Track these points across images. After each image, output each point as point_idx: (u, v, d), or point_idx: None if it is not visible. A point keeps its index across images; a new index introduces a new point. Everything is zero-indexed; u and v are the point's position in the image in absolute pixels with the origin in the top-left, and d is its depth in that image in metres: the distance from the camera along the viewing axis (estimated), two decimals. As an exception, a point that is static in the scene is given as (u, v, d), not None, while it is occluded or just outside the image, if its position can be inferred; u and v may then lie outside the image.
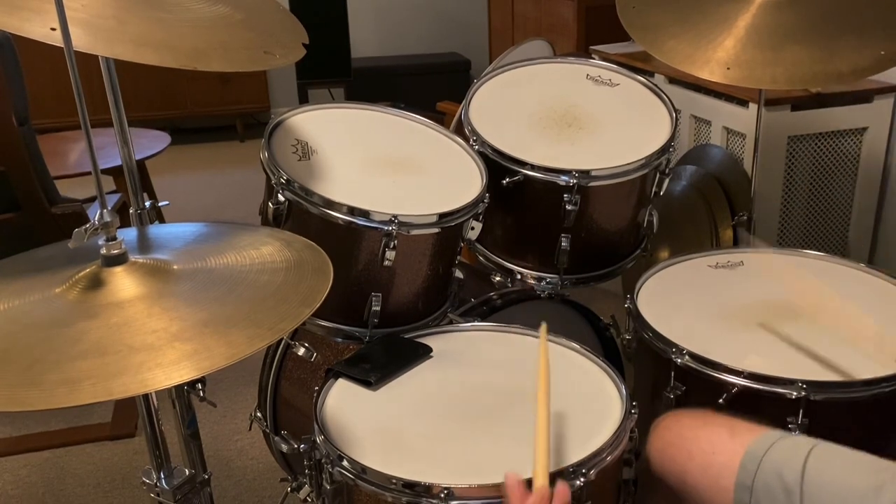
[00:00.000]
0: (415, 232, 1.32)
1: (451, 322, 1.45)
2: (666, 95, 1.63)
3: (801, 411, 1.16)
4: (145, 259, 0.99)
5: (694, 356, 1.24)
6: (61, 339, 0.85)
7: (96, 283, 0.94)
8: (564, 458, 1.02)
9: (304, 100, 4.80)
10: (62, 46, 0.92)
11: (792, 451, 0.88)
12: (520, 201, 1.50)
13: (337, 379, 1.23)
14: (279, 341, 1.59)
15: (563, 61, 1.75)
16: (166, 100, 4.84)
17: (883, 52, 1.51)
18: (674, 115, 1.58)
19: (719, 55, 1.58)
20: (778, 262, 1.56)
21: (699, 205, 2.29)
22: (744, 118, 2.32)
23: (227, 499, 2.12)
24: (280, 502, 1.79)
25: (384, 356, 1.28)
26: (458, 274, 1.48)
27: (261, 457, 2.24)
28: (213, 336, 0.86)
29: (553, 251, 1.52)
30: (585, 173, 1.44)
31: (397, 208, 1.30)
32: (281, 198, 1.30)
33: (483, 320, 1.45)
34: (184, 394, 1.29)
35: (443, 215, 1.33)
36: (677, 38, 1.65)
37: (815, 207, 2.42)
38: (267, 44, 1.26)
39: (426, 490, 0.98)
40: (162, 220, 1.51)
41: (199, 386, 1.24)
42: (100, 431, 2.40)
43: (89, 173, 1.07)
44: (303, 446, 1.16)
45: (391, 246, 1.29)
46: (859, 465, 0.85)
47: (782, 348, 1.28)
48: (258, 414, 1.66)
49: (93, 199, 2.87)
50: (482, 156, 1.48)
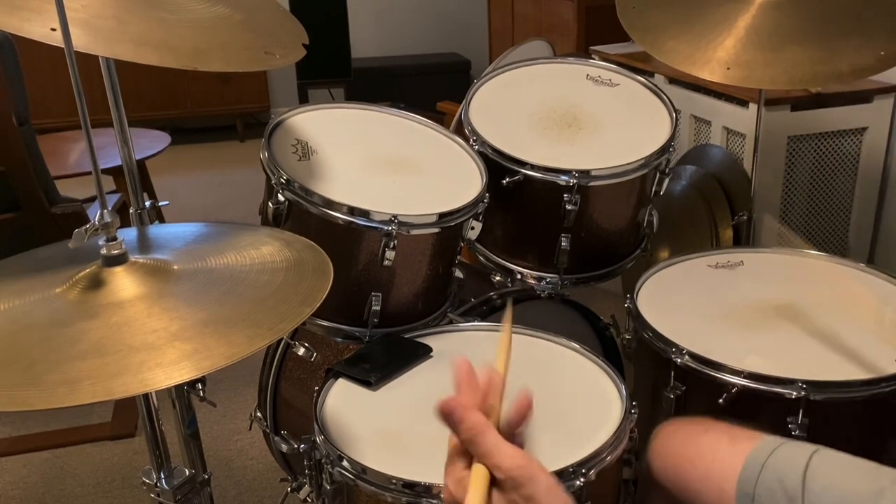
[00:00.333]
0: (415, 232, 1.32)
1: (451, 322, 1.45)
2: (666, 95, 1.63)
3: (801, 411, 1.16)
4: (145, 259, 0.99)
5: (694, 356, 1.24)
6: (61, 339, 0.85)
7: (96, 283, 0.94)
8: (564, 458, 1.02)
9: (304, 100, 4.81)
10: (62, 46, 0.92)
11: (793, 457, 0.88)
12: (520, 201, 1.50)
13: (337, 379, 1.23)
14: (279, 341, 1.59)
15: (563, 61, 1.75)
16: (166, 100, 4.84)
17: (883, 52, 1.51)
18: (674, 115, 1.58)
19: (719, 55, 1.58)
20: (778, 262, 1.56)
21: (699, 205, 2.29)
22: (744, 118, 2.32)
23: (227, 499, 2.12)
24: (280, 502, 1.79)
25: (384, 356, 1.28)
26: (458, 274, 1.48)
27: (261, 457, 2.24)
28: (213, 336, 0.86)
29: (553, 251, 1.52)
30: (585, 173, 1.44)
31: (397, 208, 1.30)
32: (281, 198, 1.30)
33: (483, 320, 1.45)
34: (184, 394, 1.29)
35: (443, 215, 1.33)
36: (677, 39, 1.65)
37: (815, 207, 2.42)
38: (267, 44, 1.26)
39: (426, 490, 0.98)
40: (162, 220, 1.51)
41: (199, 386, 1.24)
42: (100, 431, 2.40)
43: (89, 173, 1.07)
44: (303, 446, 1.16)
45: (391, 246, 1.29)
46: (860, 470, 0.85)
47: (782, 348, 1.28)
48: (258, 414, 1.66)
49: (93, 199, 2.87)
50: (482, 156, 1.48)
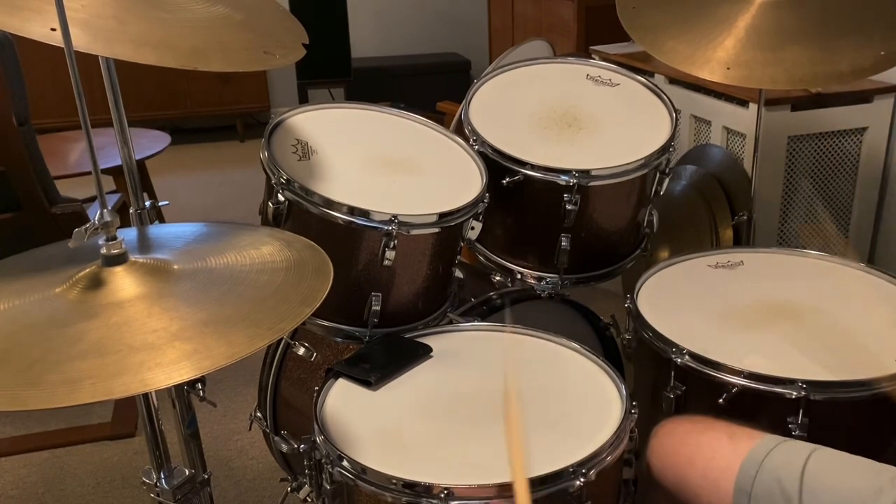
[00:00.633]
0: (415, 232, 1.32)
1: (451, 322, 1.45)
2: (666, 95, 1.63)
3: (801, 411, 1.16)
4: (145, 259, 0.99)
5: (694, 356, 1.24)
6: (61, 339, 0.85)
7: (96, 282, 0.94)
8: (564, 458, 1.02)
9: (304, 100, 4.80)
10: (62, 46, 0.92)
11: (791, 456, 0.88)
12: (520, 201, 1.50)
13: (337, 379, 1.23)
14: (279, 341, 1.59)
15: (563, 61, 1.75)
16: (166, 100, 4.83)
17: (883, 52, 1.51)
18: (674, 115, 1.58)
19: (719, 55, 1.58)
20: (778, 262, 1.56)
21: (699, 205, 2.29)
22: (744, 118, 2.32)
23: (227, 499, 2.12)
24: (280, 502, 1.79)
25: (384, 356, 1.28)
26: (458, 274, 1.48)
27: (261, 457, 2.24)
28: (213, 336, 0.86)
29: (553, 251, 1.52)
30: (585, 173, 1.44)
31: (397, 208, 1.30)
32: (281, 198, 1.30)
33: (483, 320, 1.45)
34: (184, 394, 1.29)
35: (443, 215, 1.33)
36: (677, 39, 1.65)
37: (815, 207, 2.42)
38: (267, 44, 1.26)
39: (426, 490, 0.98)
40: (162, 220, 1.52)
41: (199, 386, 1.24)
42: (100, 431, 2.40)
43: (89, 173, 1.07)
44: (303, 446, 1.16)
45: (391, 246, 1.29)
46: (858, 469, 0.85)
47: (782, 348, 1.28)
48: (258, 414, 1.66)
49: (93, 199, 2.87)
50: (482, 156, 1.48)
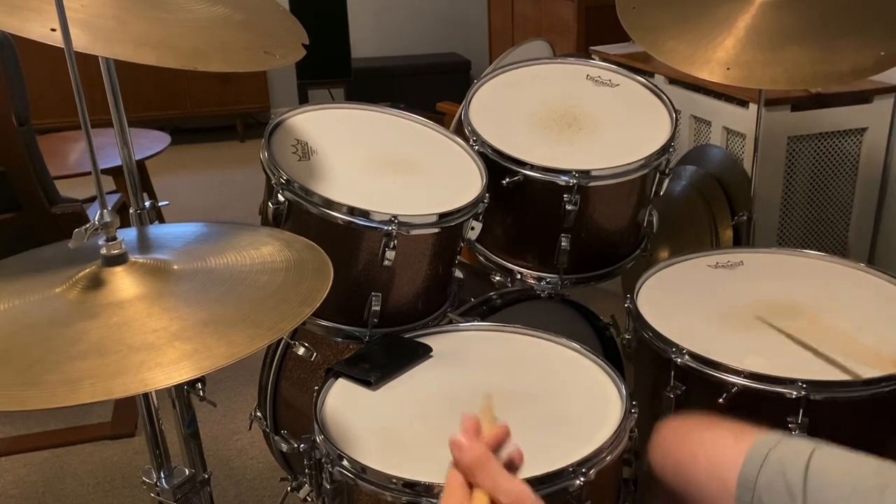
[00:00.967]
0: (415, 232, 1.32)
1: (451, 322, 1.45)
2: (666, 96, 1.63)
3: (801, 411, 1.16)
4: (145, 259, 0.99)
5: (694, 356, 1.24)
6: (61, 339, 0.85)
7: (96, 283, 0.94)
8: (564, 457, 1.02)
9: (304, 100, 4.80)
10: (62, 46, 0.92)
11: (795, 451, 0.88)
12: (520, 201, 1.50)
13: (337, 379, 1.23)
14: (279, 341, 1.59)
15: (563, 62, 1.75)
16: (166, 100, 4.83)
17: (883, 53, 1.51)
18: (674, 116, 1.58)
19: (719, 55, 1.58)
20: (778, 262, 1.56)
21: (699, 205, 2.29)
22: (744, 118, 2.32)
23: (227, 499, 2.12)
24: (280, 502, 1.79)
25: (384, 356, 1.28)
26: (458, 274, 1.48)
27: (261, 456, 2.24)
28: (213, 336, 0.86)
29: (553, 251, 1.52)
30: (585, 173, 1.44)
31: (397, 208, 1.30)
32: (281, 198, 1.30)
33: (483, 320, 1.45)
34: (184, 393, 1.29)
35: (443, 215, 1.33)
36: (677, 39, 1.65)
37: (815, 207, 2.42)
38: (267, 44, 1.26)
39: (426, 490, 0.98)
40: (162, 220, 1.52)
41: (199, 386, 1.24)
42: (100, 431, 2.40)
43: (89, 173, 1.07)
44: (303, 446, 1.16)
45: (391, 246, 1.29)
46: (863, 465, 0.85)
47: (782, 348, 1.28)
48: (258, 413, 1.66)
49: (93, 199, 2.87)
50: (482, 156, 1.48)
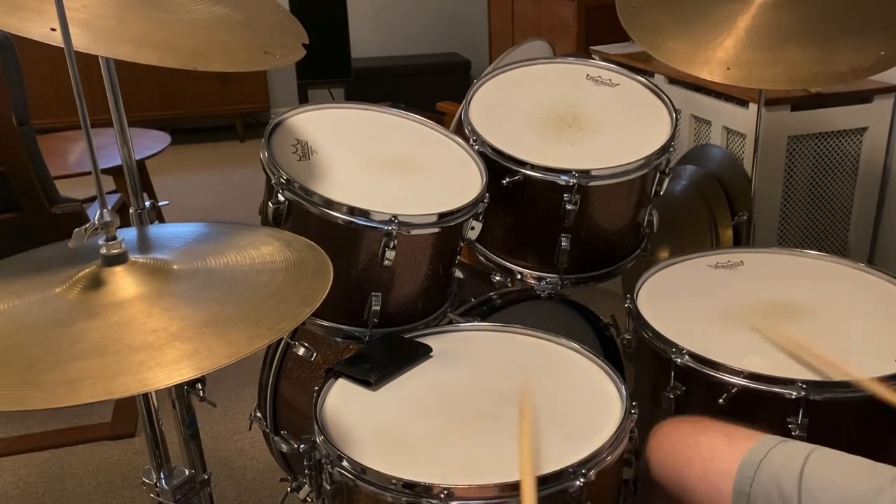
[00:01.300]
0: (415, 232, 1.32)
1: (451, 322, 1.45)
2: (666, 95, 1.63)
3: (800, 411, 1.16)
4: (145, 259, 0.99)
5: (694, 356, 1.24)
6: (61, 339, 0.85)
7: (96, 282, 0.94)
8: (564, 458, 1.02)
9: (304, 100, 4.80)
10: (62, 46, 0.92)
11: (789, 457, 0.88)
12: (520, 201, 1.50)
13: (337, 379, 1.23)
14: (279, 341, 1.59)
15: (563, 61, 1.75)
16: (166, 100, 4.83)
17: (883, 52, 1.51)
18: (674, 115, 1.58)
19: (719, 55, 1.58)
20: (778, 262, 1.56)
21: (699, 205, 2.29)
22: (744, 118, 2.32)
23: (227, 499, 2.12)
24: (280, 502, 1.79)
25: (384, 356, 1.28)
26: (458, 274, 1.48)
27: (261, 457, 2.24)
28: (213, 336, 0.86)
29: (553, 251, 1.52)
30: (585, 173, 1.44)
31: (397, 208, 1.30)
32: (281, 198, 1.30)
33: (483, 320, 1.45)
34: (184, 394, 1.29)
35: (443, 215, 1.33)
36: (677, 39, 1.65)
37: (815, 207, 2.42)
38: (267, 44, 1.26)
39: (426, 490, 0.98)
40: (162, 220, 1.52)
41: (199, 386, 1.24)
42: (100, 431, 2.40)
43: (89, 173, 1.07)
44: (303, 446, 1.15)
45: (391, 246, 1.29)
46: (857, 469, 0.85)
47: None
48: (258, 414, 1.66)
49: (93, 199, 2.87)
50: (482, 156, 1.48)
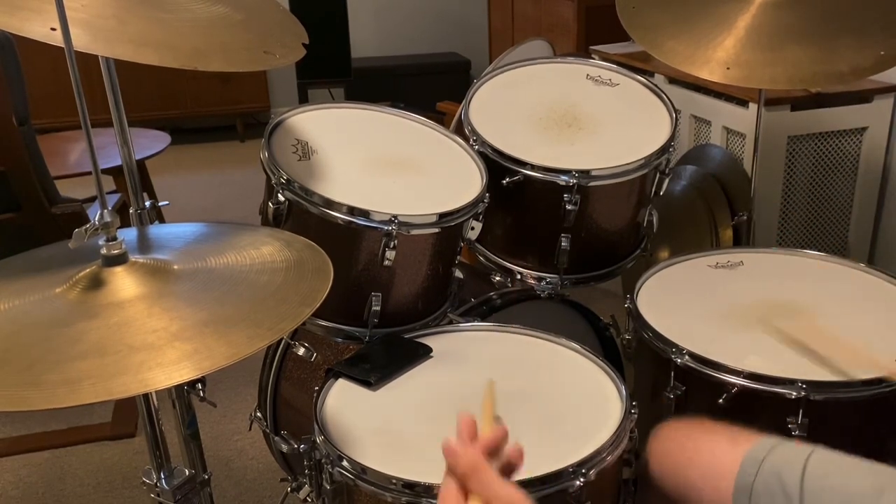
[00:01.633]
0: (415, 232, 1.32)
1: (451, 322, 1.45)
2: (666, 95, 1.63)
3: (800, 411, 1.16)
4: (145, 259, 0.99)
5: (694, 356, 1.24)
6: (61, 339, 0.85)
7: (96, 283, 0.94)
8: (564, 458, 1.02)
9: (304, 100, 4.80)
10: (62, 46, 0.92)
11: (791, 456, 0.88)
12: (520, 201, 1.50)
13: (337, 379, 1.23)
14: (279, 341, 1.59)
15: (563, 61, 1.75)
16: (166, 100, 4.83)
17: (883, 52, 1.51)
18: (674, 115, 1.58)
19: (719, 55, 1.58)
20: (778, 262, 1.56)
21: (699, 205, 2.29)
22: (744, 118, 2.32)
23: (227, 499, 2.12)
24: (280, 502, 1.79)
25: (384, 356, 1.28)
26: (458, 274, 1.48)
27: (261, 457, 2.24)
28: (214, 336, 0.86)
29: (553, 251, 1.52)
30: (585, 173, 1.44)
31: (397, 208, 1.30)
32: (281, 198, 1.30)
33: (483, 320, 1.45)
34: (184, 394, 1.29)
35: (443, 215, 1.33)
36: (677, 39, 1.65)
37: (815, 207, 2.42)
38: (267, 44, 1.26)
39: (426, 490, 0.98)
40: (162, 220, 1.51)
41: (199, 386, 1.24)
42: (100, 431, 2.40)
43: (89, 173, 1.07)
44: (303, 446, 1.16)
45: (391, 246, 1.29)
46: (859, 469, 0.85)
47: (782, 348, 1.28)
48: (258, 414, 1.66)
49: (93, 199, 2.87)
50: (482, 156, 1.48)
